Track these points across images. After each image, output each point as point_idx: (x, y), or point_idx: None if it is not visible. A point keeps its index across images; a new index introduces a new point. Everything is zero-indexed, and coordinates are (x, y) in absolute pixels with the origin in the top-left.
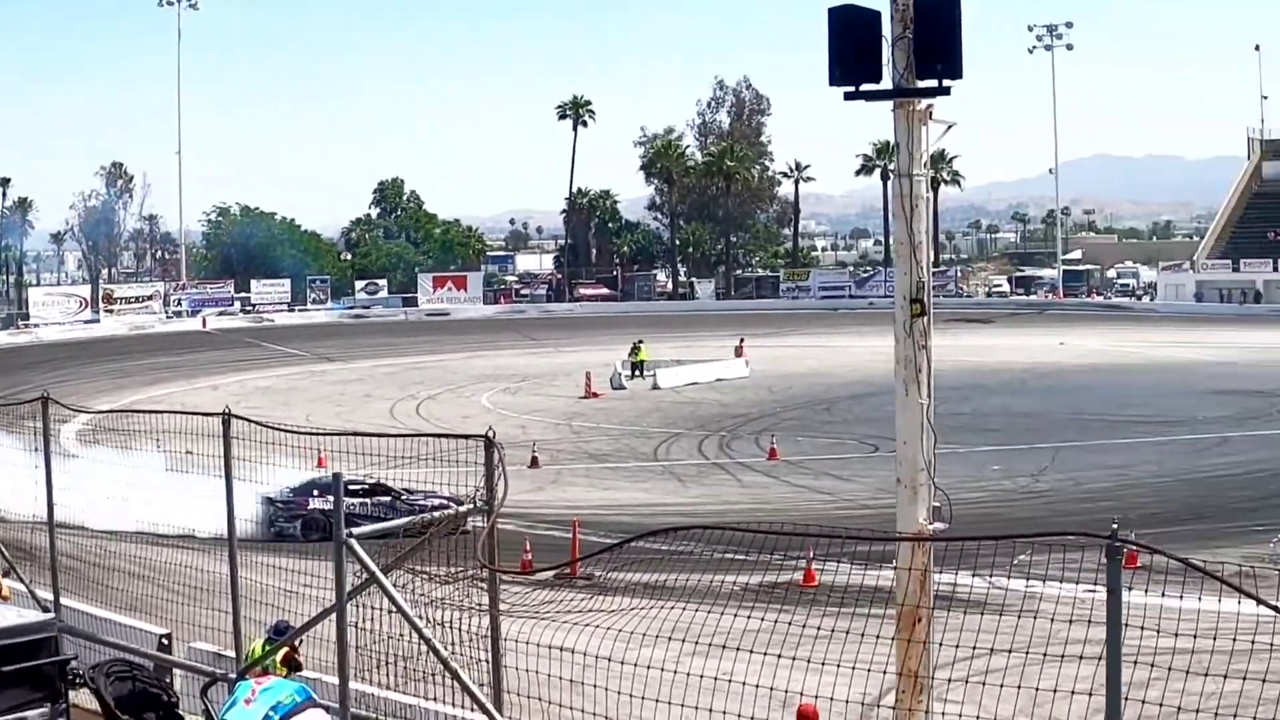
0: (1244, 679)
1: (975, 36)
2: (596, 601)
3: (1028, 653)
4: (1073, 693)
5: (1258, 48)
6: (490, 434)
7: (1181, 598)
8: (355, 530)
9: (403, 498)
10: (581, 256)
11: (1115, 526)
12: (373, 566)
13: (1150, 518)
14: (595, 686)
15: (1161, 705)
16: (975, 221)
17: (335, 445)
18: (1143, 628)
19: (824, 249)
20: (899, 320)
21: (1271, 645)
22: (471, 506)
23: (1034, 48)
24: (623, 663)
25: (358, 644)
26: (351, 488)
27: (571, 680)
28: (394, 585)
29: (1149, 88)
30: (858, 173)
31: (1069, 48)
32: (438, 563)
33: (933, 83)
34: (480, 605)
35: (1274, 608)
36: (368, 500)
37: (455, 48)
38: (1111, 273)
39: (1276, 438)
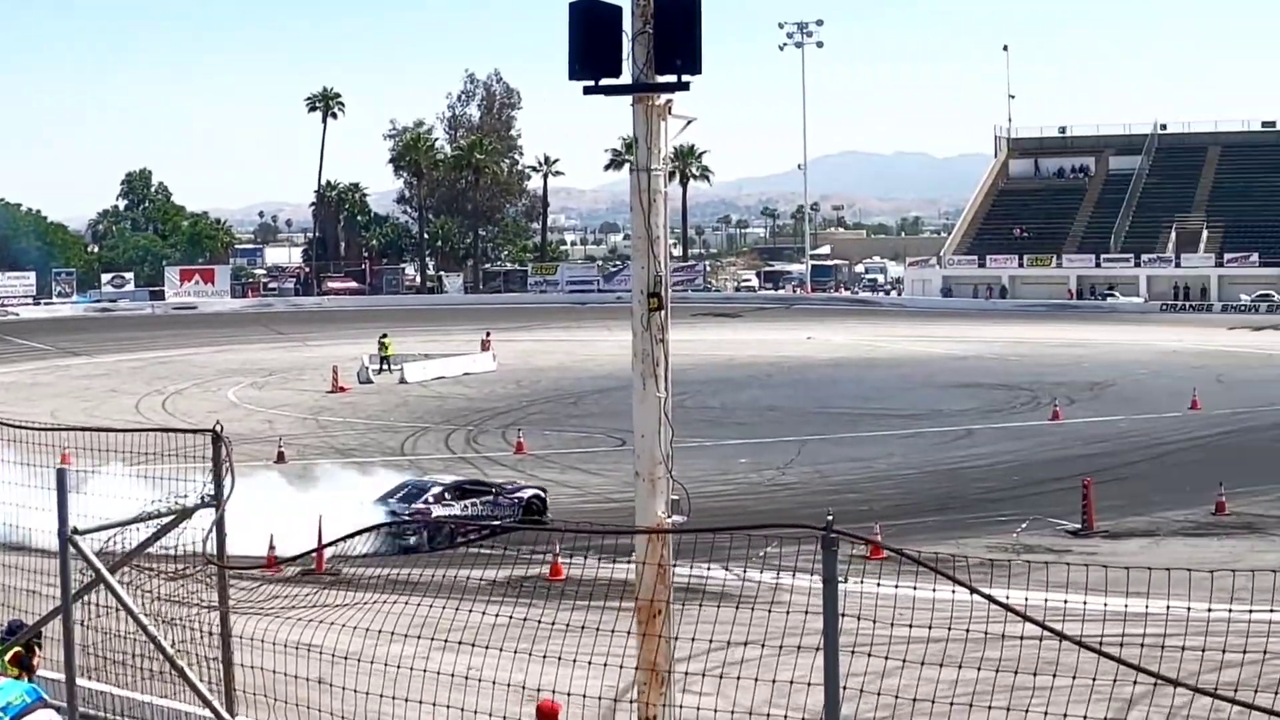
0: (954, 666)
1: (727, 34)
2: (341, 597)
3: (765, 645)
4: (808, 684)
5: (1006, 48)
6: (218, 429)
7: (900, 587)
8: (82, 527)
9: (501, 494)
10: (330, 250)
11: (830, 518)
12: (98, 564)
13: (896, 509)
14: (338, 687)
15: (878, 695)
16: (725, 217)
17: (78, 442)
18: (907, 622)
19: (574, 243)
20: (636, 314)
21: (986, 633)
22: (199, 503)
23: (785, 45)
24: (367, 659)
25: (94, 643)
26: (465, 488)
27: (315, 679)
28: (123, 583)
29: (899, 86)
30: (607, 167)
31: (819, 45)
32: (168, 561)
33: (672, 78)
34: (211, 603)
35: (987, 596)
36: (476, 500)
37: (205, 38)
38: (859, 268)
39: (1020, 430)
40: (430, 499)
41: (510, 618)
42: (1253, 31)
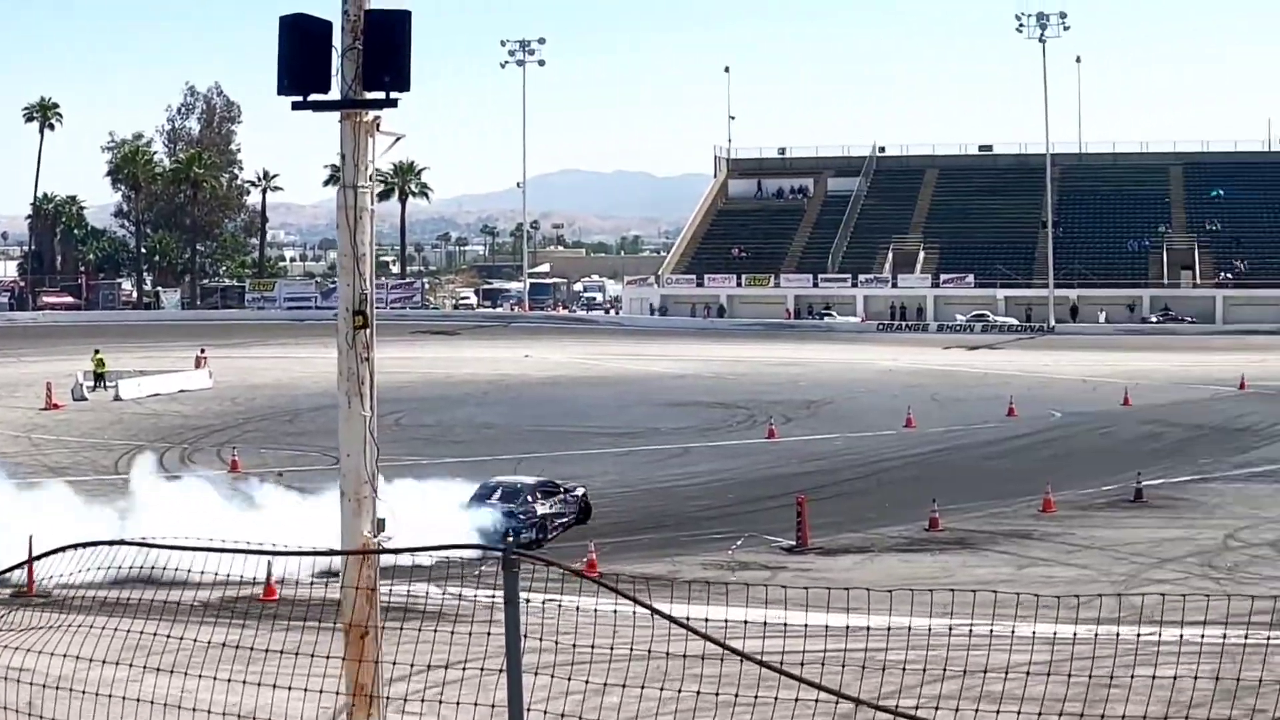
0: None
1: (451, 50)
2: (51, 619)
3: (473, 665)
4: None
5: (727, 70)
6: None
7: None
8: None
9: (568, 493)
10: (46, 264)
11: (510, 540)
12: None
13: (613, 527)
14: (43, 718)
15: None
16: (445, 234)
17: None
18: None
19: (293, 259)
20: (341, 332)
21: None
22: None
23: (506, 63)
24: (76, 685)
25: None
26: (546, 488)
27: (17, 708)
28: None
29: (620, 105)
30: (327, 183)
31: (541, 64)
32: None
33: (381, 94)
34: None
35: (667, 615)
36: (554, 498)
37: None
38: (578, 286)
39: (736, 448)
40: (529, 498)
41: (237, 643)
42: (969, 57)
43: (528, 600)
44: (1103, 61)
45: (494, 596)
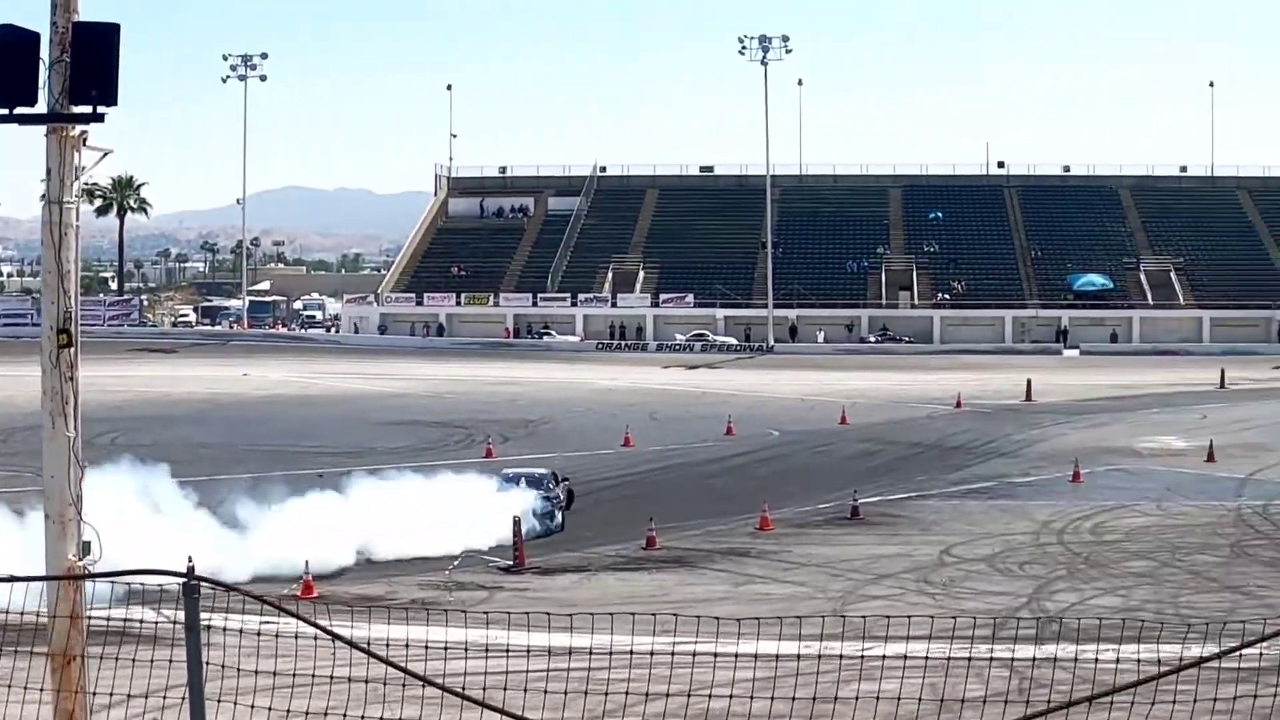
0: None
1: (171, 65)
2: None
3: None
4: None
5: (450, 87)
6: None
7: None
8: None
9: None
10: None
11: (191, 565)
12: None
13: None
14: None
15: None
16: (165, 250)
17: None
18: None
19: (10, 275)
20: (45, 351)
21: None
22: None
23: (228, 77)
24: None
25: None
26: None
27: None
28: None
29: (341, 121)
30: (43, 198)
31: (263, 79)
32: None
33: (88, 109)
34: None
35: (348, 641)
36: (559, 485)
37: None
38: (298, 304)
39: (452, 468)
40: (550, 484)
41: None
42: (691, 78)
43: (239, 625)
44: (825, 85)
45: (208, 620)
